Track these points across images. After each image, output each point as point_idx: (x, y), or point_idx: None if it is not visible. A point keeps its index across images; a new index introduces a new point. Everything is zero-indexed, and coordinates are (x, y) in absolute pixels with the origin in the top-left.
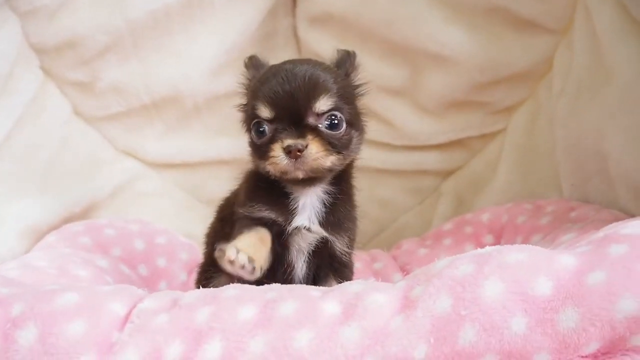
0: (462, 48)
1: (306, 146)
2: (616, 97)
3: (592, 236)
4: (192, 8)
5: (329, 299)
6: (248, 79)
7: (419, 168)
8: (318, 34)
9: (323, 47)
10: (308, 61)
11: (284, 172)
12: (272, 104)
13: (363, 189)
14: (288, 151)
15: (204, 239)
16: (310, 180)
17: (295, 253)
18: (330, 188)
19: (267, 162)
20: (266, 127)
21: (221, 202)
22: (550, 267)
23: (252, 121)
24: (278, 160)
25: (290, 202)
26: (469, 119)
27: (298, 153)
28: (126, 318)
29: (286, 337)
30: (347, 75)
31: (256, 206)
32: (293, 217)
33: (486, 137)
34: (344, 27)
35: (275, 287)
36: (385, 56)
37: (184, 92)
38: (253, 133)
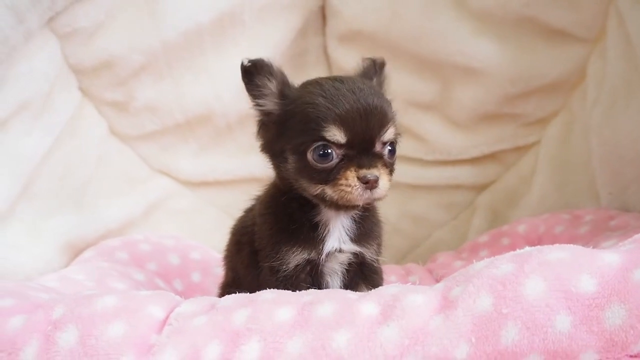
0: (492, 60)
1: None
2: None
3: (634, 236)
4: (223, 28)
5: (366, 300)
6: (274, 88)
7: (452, 183)
8: (348, 52)
9: (353, 64)
10: (360, 81)
11: (350, 200)
12: (348, 129)
13: (396, 205)
14: (365, 181)
15: (222, 261)
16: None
17: (328, 277)
18: None
19: (333, 189)
20: (334, 152)
21: (235, 224)
22: (593, 264)
23: (312, 142)
24: (351, 189)
25: (319, 229)
26: (502, 132)
27: (375, 184)
28: (164, 321)
29: (324, 337)
30: (380, 87)
31: (284, 249)
32: (324, 245)
33: (520, 150)
34: (373, 44)
35: (311, 292)
36: (415, 71)
37: (217, 110)
38: (313, 155)
